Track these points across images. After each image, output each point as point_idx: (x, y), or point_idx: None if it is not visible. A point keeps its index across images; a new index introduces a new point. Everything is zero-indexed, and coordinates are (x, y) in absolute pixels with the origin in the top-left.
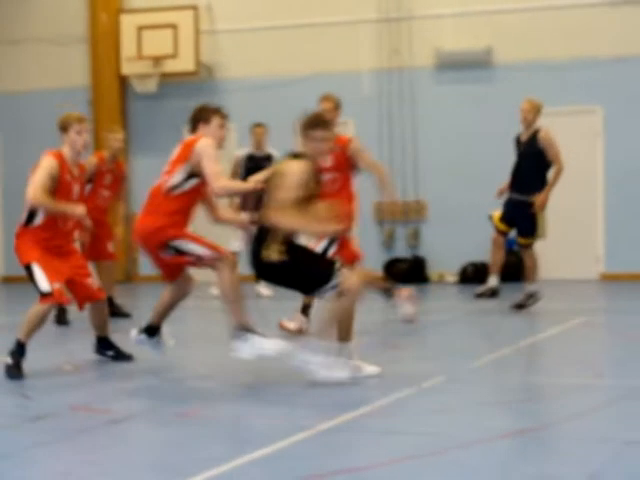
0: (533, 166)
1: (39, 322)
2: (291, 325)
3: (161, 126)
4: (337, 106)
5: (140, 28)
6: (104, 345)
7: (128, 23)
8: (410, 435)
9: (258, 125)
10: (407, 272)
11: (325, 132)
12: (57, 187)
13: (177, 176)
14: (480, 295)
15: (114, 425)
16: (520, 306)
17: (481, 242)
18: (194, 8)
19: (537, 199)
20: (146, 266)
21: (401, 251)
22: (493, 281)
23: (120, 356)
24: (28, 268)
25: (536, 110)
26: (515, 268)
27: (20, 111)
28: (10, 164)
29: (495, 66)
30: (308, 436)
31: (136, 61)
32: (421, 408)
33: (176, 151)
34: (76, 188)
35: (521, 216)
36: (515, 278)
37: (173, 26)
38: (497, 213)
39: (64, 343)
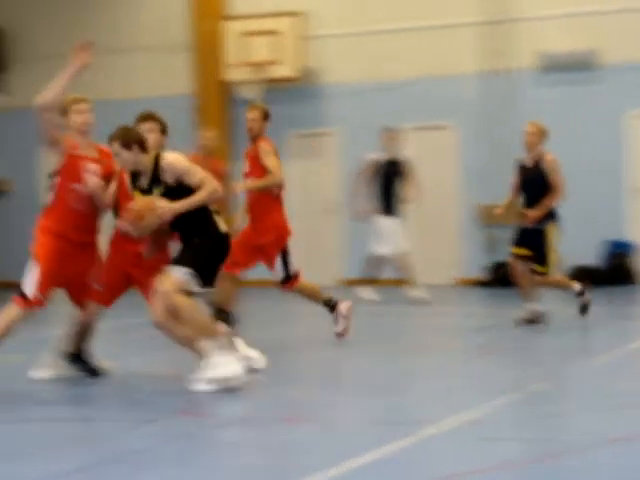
0: (543, 192)
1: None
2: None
3: (268, 132)
4: (264, 116)
5: (243, 35)
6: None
7: (231, 30)
8: (517, 441)
9: (388, 129)
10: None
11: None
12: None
13: None
14: (525, 322)
15: (221, 430)
16: (529, 321)
17: (587, 245)
18: (296, 14)
19: (530, 213)
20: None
21: (505, 255)
22: (533, 306)
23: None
24: None
25: (541, 134)
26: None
27: (127, 118)
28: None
29: (599, 68)
30: (414, 442)
31: (239, 67)
32: (528, 413)
33: None
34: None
35: (537, 245)
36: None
37: (276, 32)
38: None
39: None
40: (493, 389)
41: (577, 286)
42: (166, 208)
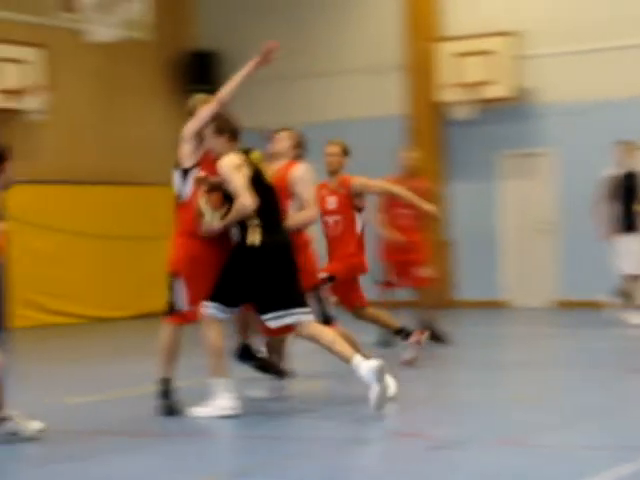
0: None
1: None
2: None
3: (478, 152)
4: (344, 151)
5: (457, 55)
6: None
7: (445, 51)
8: None
9: (624, 143)
10: None
11: None
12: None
13: None
14: None
15: (437, 451)
16: None
17: None
18: (510, 33)
19: None
20: (466, 290)
21: None
22: None
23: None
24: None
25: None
26: None
27: (343, 139)
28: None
29: None
30: (634, 469)
31: (453, 88)
32: None
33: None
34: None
35: None
36: None
37: (490, 52)
38: None
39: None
40: None
41: None
42: (211, 227)
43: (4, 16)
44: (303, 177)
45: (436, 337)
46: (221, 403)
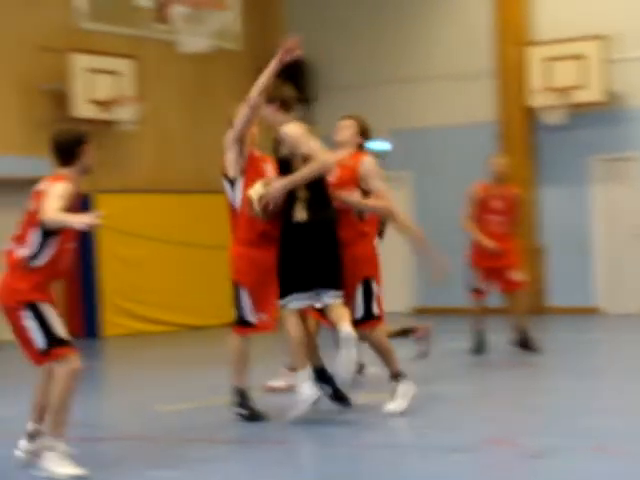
0: None
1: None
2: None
3: (569, 157)
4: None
5: (547, 60)
6: None
7: (535, 55)
8: None
9: None
10: None
11: None
12: None
13: None
14: None
15: (532, 460)
16: None
17: None
18: (602, 37)
19: None
20: (557, 297)
21: None
22: None
23: None
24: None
25: None
26: None
27: (427, 147)
28: (421, 200)
29: None
30: None
31: (544, 93)
32: None
33: None
34: None
35: None
36: None
37: (581, 56)
38: None
39: (476, 372)
40: None
41: None
42: (274, 186)
43: (96, 28)
44: (373, 170)
45: (527, 344)
46: (304, 393)
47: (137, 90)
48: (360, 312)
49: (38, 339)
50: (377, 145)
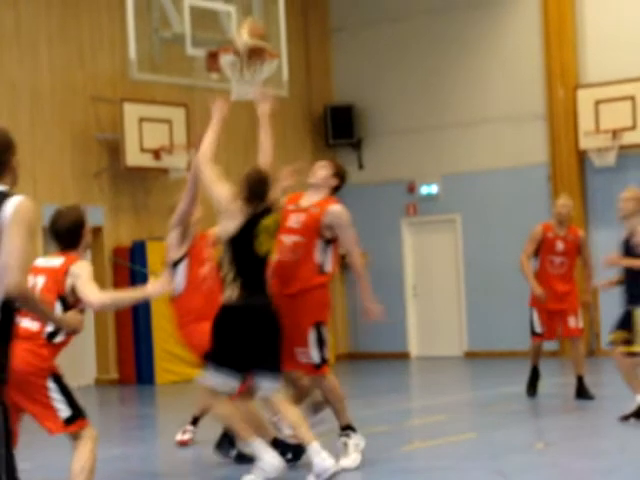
0: None
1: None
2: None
3: None
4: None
5: (597, 102)
6: None
7: (585, 97)
8: None
9: None
10: None
11: None
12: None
13: None
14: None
15: None
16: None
17: None
18: None
19: None
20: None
21: None
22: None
23: None
24: None
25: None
26: None
27: (478, 191)
28: (470, 244)
29: None
30: None
31: (594, 135)
32: None
33: None
34: None
35: None
36: None
37: (630, 98)
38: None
39: (534, 418)
40: None
41: None
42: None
43: (148, 78)
44: (342, 219)
45: (582, 393)
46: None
47: (188, 138)
48: (316, 358)
49: (63, 410)
50: (427, 189)
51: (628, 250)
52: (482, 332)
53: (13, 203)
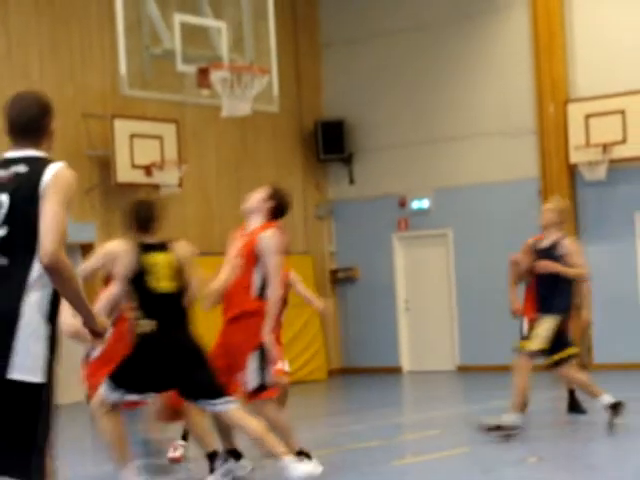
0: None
1: None
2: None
3: (611, 213)
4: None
5: (587, 116)
6: None
7: (575, 111)
8: None
9: None
10: None
11: None
12: None
13: None
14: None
15: None
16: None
17: None
18: (638, 92)
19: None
20: (603, 353)
21: None
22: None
23: None
24: None
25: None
26: None
27: (470, 205)
28: (462, 258)
29: None
30: None
31: (584, 149)
32: None
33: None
34: None
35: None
36: None
37: (620, 111)
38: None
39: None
40: None
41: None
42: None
43: (138, 94)
44: (271, 246)
45: (575, 407)
46: None
47: (179, 154)
48: (254, 382)
49: None
50: (418, 204)
51: (546, 258)
52: (474, 346)
53: (53, 169)
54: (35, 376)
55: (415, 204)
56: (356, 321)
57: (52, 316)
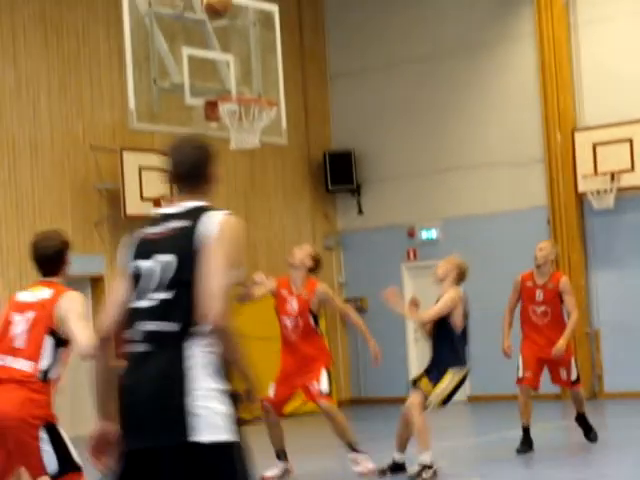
0: None
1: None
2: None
3: (620, 241)
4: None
5: (595, 144)
6: None
7: (583, 140)
8: None
9: None
10: None
11: None
12: None
13: None
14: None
15: None
16: None
17: None
18: None
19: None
20: (612, 382)
21: None
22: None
23: None
24: None
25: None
26: None
27: (478, 235)
28: (471, 287)
29: None
30: None
31: (592, 177)
32: None
33: None
34: None
35: None
36: None
37: (628, 140)
38: None
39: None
40: None
41: None
42: None
43: (147, 127)
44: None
45: (588, 428)
46: None
47: None
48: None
49: (51, 464)
50: (427, 234)
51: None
52: (485, 376)
53: (217, 219)
54: (224, 435)
55: (424, 234)
56: (366, 351)
57: (222, 374)
